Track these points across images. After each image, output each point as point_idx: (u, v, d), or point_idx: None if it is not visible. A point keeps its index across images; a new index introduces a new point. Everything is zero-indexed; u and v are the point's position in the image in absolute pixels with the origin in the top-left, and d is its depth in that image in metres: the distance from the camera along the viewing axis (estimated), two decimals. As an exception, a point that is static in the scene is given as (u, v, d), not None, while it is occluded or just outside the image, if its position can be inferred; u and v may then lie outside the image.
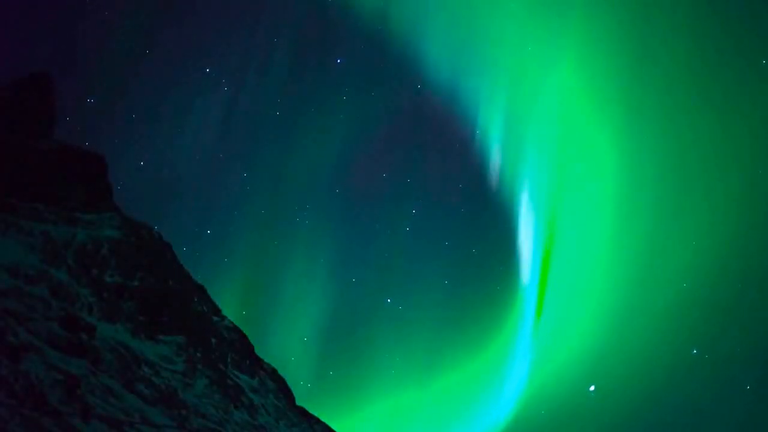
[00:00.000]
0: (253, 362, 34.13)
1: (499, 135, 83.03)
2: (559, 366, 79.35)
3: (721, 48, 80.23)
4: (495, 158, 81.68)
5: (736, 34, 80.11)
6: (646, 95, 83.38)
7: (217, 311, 35.85)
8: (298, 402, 35.18)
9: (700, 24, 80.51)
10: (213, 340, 32.09)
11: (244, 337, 35.54)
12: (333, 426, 35.36)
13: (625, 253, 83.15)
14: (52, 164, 32.72)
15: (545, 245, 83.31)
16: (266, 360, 36.11)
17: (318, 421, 34.48)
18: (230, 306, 65.11)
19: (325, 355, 78.96)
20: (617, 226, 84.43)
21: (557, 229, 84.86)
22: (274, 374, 35.29)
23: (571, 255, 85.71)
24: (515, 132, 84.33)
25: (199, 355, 29.31)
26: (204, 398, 26.03)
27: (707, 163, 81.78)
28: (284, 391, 34.55)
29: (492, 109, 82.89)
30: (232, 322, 36.01)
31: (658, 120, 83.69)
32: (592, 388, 74.75)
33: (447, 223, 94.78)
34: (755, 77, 78.97)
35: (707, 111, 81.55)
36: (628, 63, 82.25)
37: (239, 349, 34.06)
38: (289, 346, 75.22)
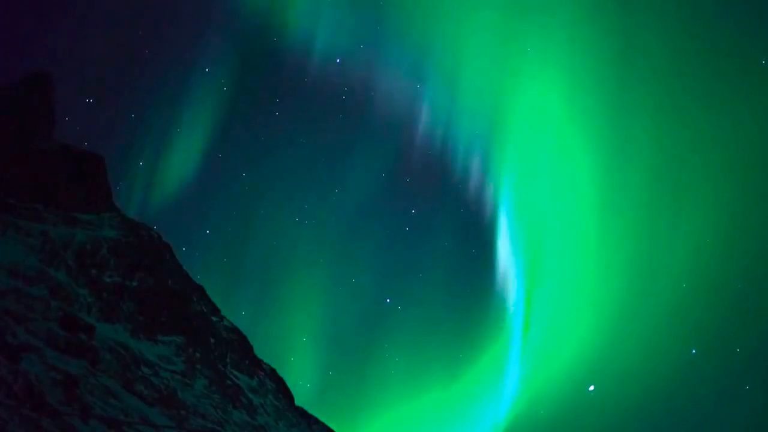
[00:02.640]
0: (252, 362, 34.15)
1: (490, 136, 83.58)
2: (559, 366, 79.33)
3: (708, 50, 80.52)
4: (480, 163, 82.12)
5: (724, 36, 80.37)
6: (633, 93, 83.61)
7: (216, 311, 35.86)
8: (297, 402, 35.24)
9: (683, 32, 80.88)
10: (212, 341, 32.11)
11: (243, 337, 35.56)
12: (332, 426, 35.42)
13: (625, 253, 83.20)
14: (52, 164, 32.77)
15: (541, 245, 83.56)
16: (265, 360, 36.16)
17: (317, 421, 34.52)
18: (229, 306, 65.04)
19: (325, 356, 78.81)
20: (616, 225, 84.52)
21: (554, 229, 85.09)
22: (273, 374, 35.30)
23: (570, 255, 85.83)
24: (502, 132, 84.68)
25: (198, 355, 29.34)
26: (203, 398, 26.06)
27: (705, 162, 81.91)
28: (283, 391, 34.57)
29: (485, 112, 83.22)
30: (231, 323, 36.03)
31: (650, 121, 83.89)
32: (591, 388, 74.78)
33: (446, 224, 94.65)
34: (743, 78, 79.24)
35: (700, 111, 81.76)
36: (612, 60, 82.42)
37: (238, 349, 34.08)
38: (288, 346, 75.17)
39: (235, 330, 35.56)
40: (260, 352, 36.01)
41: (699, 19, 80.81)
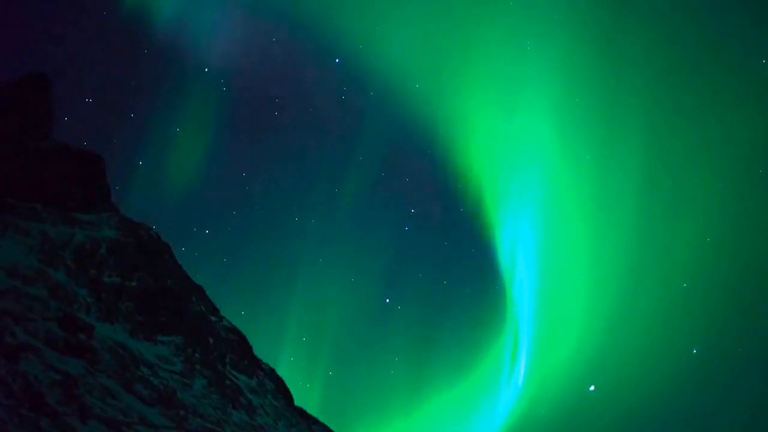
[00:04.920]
0: (251, 362, 34.13)
1: (489, 135, 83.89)
2: (559, 366, 79.35)
3: (706, 50, 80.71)
4: (480, 163, 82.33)
5: (724, 36, 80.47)
6: (627, 92, 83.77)
7: (215, 311, 35.83)
8: (297, 402, 35.22)
9: (680, 31, 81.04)
10: (211, 341, 32.08)
11: (242, 337, 35.53)
12: (332, 426, 35.43)
13: (624, 253, 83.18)
14: (51, 164, 32.70)
15: (542, 244, 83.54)
16: (265, 360, 36.15)
17: (316, 421, 34.52)
18: (229, 306, 64.92)
19: (324, 355, 78.83)
20: (615, 224, 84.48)
21: (553, 228, 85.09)
22: (272, 374, 35.30)
23: (570, 255, 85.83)
24: (502, 130, 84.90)
25: (197, 355, 29.32)
26: (202, 398, 26.04)
27: (704, 161, 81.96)
28: (282, 391, 34.56)
29: (486, 112, 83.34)
30: (230, 322, 36.00)
31: (647, 117, 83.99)
32: (592, 388, 74.83)
33: (446, 224, 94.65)
34: (742, 78, 79.38)
35: (699, 110, 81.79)
36: (606, 57, 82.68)
37: (237, 349, 34.06)
38: (287, 346, 75.18)
39: (234, 330, 35.54)
40: (259, 352, 36.06)
41: (696, 21, 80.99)
